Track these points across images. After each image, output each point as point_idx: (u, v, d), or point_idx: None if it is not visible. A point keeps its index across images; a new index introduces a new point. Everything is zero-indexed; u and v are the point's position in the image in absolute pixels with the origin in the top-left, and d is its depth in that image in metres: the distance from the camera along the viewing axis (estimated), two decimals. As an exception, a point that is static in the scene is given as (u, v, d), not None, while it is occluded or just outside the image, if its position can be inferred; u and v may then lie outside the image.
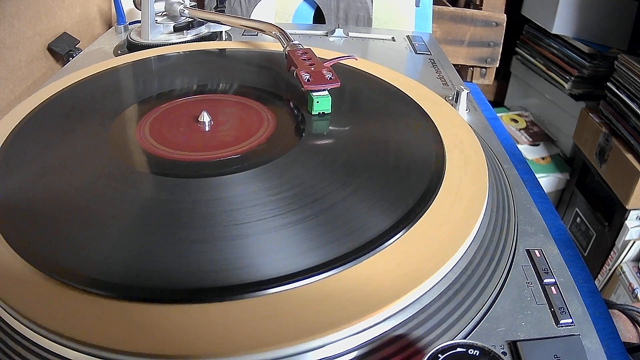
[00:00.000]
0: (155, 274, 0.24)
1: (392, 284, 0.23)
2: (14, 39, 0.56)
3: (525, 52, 1.21)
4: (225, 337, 0.21)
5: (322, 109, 0.38)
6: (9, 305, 0.23)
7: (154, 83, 0.45)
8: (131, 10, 0.66)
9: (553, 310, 0.25)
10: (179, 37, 0.57)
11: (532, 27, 1.18)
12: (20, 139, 0.35)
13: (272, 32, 0.48)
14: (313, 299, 0.23)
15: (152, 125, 0.37)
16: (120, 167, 0.32)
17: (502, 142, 0.41)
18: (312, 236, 0.26)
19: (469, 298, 0.25)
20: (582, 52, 1.03)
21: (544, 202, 0.42)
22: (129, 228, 0.27)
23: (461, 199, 0.29)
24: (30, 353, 0.22)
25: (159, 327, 0.21)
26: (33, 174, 0.32)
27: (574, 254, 0.39)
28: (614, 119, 0.87)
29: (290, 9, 0.71)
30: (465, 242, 0.26)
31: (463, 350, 0.19)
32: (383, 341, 0.22)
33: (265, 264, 0.24)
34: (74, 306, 0.22)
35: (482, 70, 0.84)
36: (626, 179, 0.82)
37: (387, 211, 0.28)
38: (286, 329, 0.21)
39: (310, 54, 0.41)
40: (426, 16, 0.71)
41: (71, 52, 0.61)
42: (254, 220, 0.27)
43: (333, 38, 0.64)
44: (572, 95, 1.05)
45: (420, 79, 0.47)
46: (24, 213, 0.28)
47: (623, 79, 0.85)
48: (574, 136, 1.02)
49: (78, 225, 0.27)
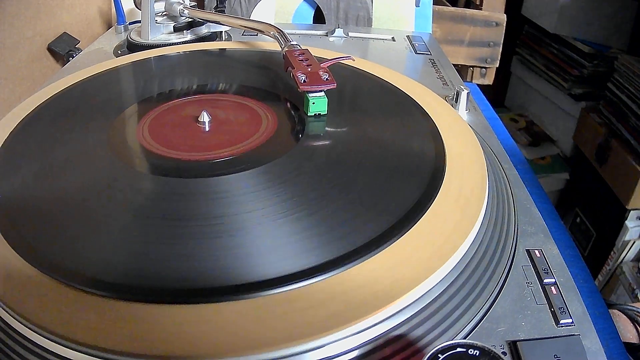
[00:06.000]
0: (155, 274, 0.24)
1: (392, 284, 0.23)
2: (14, 39, 0.56)
3: (525, 52, 1.21)
4: (225, 337, 0.21)
5: (318, 110, 0.37)
6: (9, 305, 0.23)
7: (154, 83, 0.45)
8: (131, 10, 0.66)
9: (553, 310, 0.25)
10: (179, 37, 0.57)
11: (532, 27, 1.18)
12: (20, 139, 0.35)
13: (271, 33, 0.48)
14: (313, 299, 0.23)
15: (152, 125, 0.37)
16: (120, 167, 0.32)
17: (502, 142, 0.41)
18: (312, 236, 0.26)
19: (469, 298, 0.25)
20: (582, 52, 1.03)
21: (544, 202, 0.43)
22: (128, 228, 0.27)
23: (461, 199, 0.29)
24: (30, 353, 0.22)
25: (159, 327, 0.21)
26: (33, 174, 0.32)
27: (574, 254, 0.39)
28: (614, 119, 0.87)
29: (290, 9, 0.71)
30: (465, 242, 0.26)
31: (463, 350, 0.19)
32: (383, 341, 0.22)
33: (265, 264, 0.24)
34: (74, 306, 0.22)
35: (482, 70, 0.84)
36: (626, 179, 0.82)
37: (387, 211, 0.28)
38: (286, 329, 0.21)
39: (308, 54, 0.41)
40: (426, 16, 0.71)
41: (71, 52, 0.61)
42: (254, 221, 0.27)
43: (333, 38, 0.64)
44: (572, 95, 1.05)
45: (420, 79, 0.47)
46: (24, 213, 0.28)
47: (623, 79, 0.85)
48: (574, 136, 1.02)
49: (78, 225, 0.27)
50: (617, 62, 0.87)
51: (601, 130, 0.89)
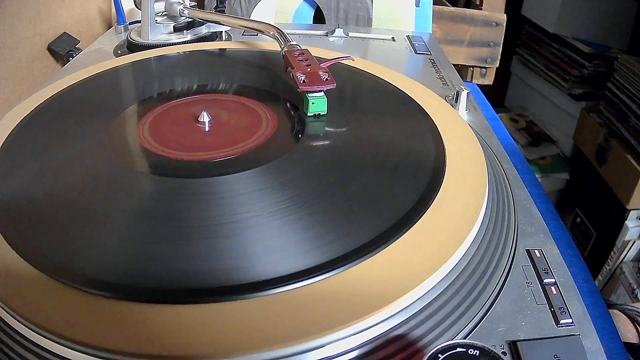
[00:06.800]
0: (155, 274, 0.24)
1: (392, 284, 0.23)
2: (14, 39, 0.56)
3: (525, 52, 1.21)
4: (225, 337, 0.21)
5: (318, 110, 0.37)
6: (9, 305, 0.23)
7: (154, 83, 0.45)
8: (131, 10, 0.66)
9: (553, 310, 0.25)
10: (179, 37, 0.57)
11: (532, 27, 1.18)
12: (20, 139, 0.35)
13: (271, 33, 0.48)
14: (313, 299, 0.23)
15: (152, 125, 0.37)
16: (120, 167, 0.32)
17: (502, 142, 0.41)
18: (312, 236, 0.26)
19: (469, 298, 0.25)
20: (582, 52, 1.03)
21: (544, 202, 0.43)
22: (129, 228, 0.27)
23: (461, 199, 0.29)
24: (30, 353, 0.22)
25: (159, 327, 0.21)
26: (33, 174, 0.32)
27: (574, 254, 0.39)
28: (614, 119, 0.87)
29: (290, 9, 0.71)
30: (465, 242, 0.26)
31: (463, 350, 0.19)
32: (383, 341, 0.22)
33: (265, 264, 0.24)
34: (74, 306, 0.22)
35: (482, 70, 0.84)
36: (626, 179, 0.82)
37: (386, 211, 0.28)
38: (286, 329, 0.21)
39: (307, 54, 0.41)
40: (426, 16, 0.71)
41: (71, 52, 0.61)
42: (254, 221, 0.27)
43: (333, 38, 0.64)
44: (572, 95, 1.05)
45: (420, 79, 0.47)
46: (24, 213, 0.28)
47: (623, 79, 0.85)
48: (574, 136, 1.02)
49: (78, 225, 0.27)
50: (617, 62, 0.87)
51: (601, 130, 0.89)
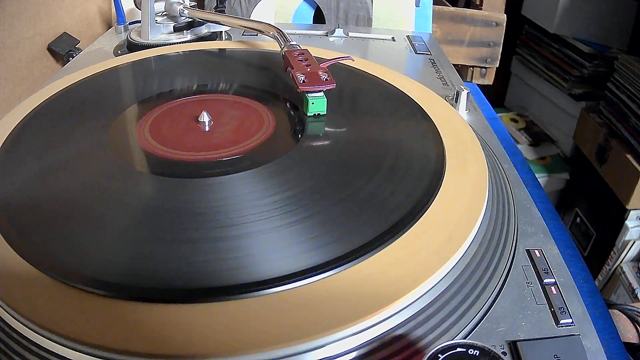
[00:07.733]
0: (155, 273, 0.24)
1: (392, 284, 0.23)
2: (14, 39, 0.56)
3: (525, 52, 1.21)
4: (225, 337, 0.21)
5: (318, 110, 0.37)
6: (9, 305, 0.23)
7: (154, 83, 0.45)
8: (131, 10, 0.66)
9: (553, 310, 0.25)
10: (179, 37, 0.57)
11: (532, 27, 1.18)
12: (20, 139, 0.35)
13: (270, 33, 0.48)
14: (313, 299, 0.23)
15: (152, 125, 0.37)
16: (121, 167, 0.32)
17: (502, 142, 0.41)
18: (312, 236, 0.26)
19: (469, 298, 0.25)
20: (582, 52, 1.03)
21: (544, 202, 0.43)
22: (129, 228, 0.27)
23: (461, 199, 0.29)
24: (30, 353, 0.22)
25: (159, 327, 0.21)
26: (33, 174, 0.32)
27: (574, 254, 0.39)
28: (614, 119, 0.87)
29: (290, 9, 0.71)
30: (465, 242, 0.26)
31: (463, 350, 0.19)
32: (383, 341, 0.22)
33: (265, 264, 0.24)
34: (74, 306, 0.22)
35: (482, 70, 0.84)
36: (626, 179, 0.82)
37: (386, 211, 0.28)
38: (286, 329, 0.21)
39: (307, 54, 0.41)
40: (426, 16, 0.71)
41: (71, 52, 0.61)
42: (254, 220, 0.27)
43: (333, 38, 0.64)
44: (572, 95, 1.05)
45: (420, 79, 0.47)
46: (24, 213, 0.28)
47: (623, 79, 0.85)
48: (574, 136, 1.02)
49: (78, 225, 0.27)
50: (617, 62, 0.87)
51: (601, 130, 0.89)
